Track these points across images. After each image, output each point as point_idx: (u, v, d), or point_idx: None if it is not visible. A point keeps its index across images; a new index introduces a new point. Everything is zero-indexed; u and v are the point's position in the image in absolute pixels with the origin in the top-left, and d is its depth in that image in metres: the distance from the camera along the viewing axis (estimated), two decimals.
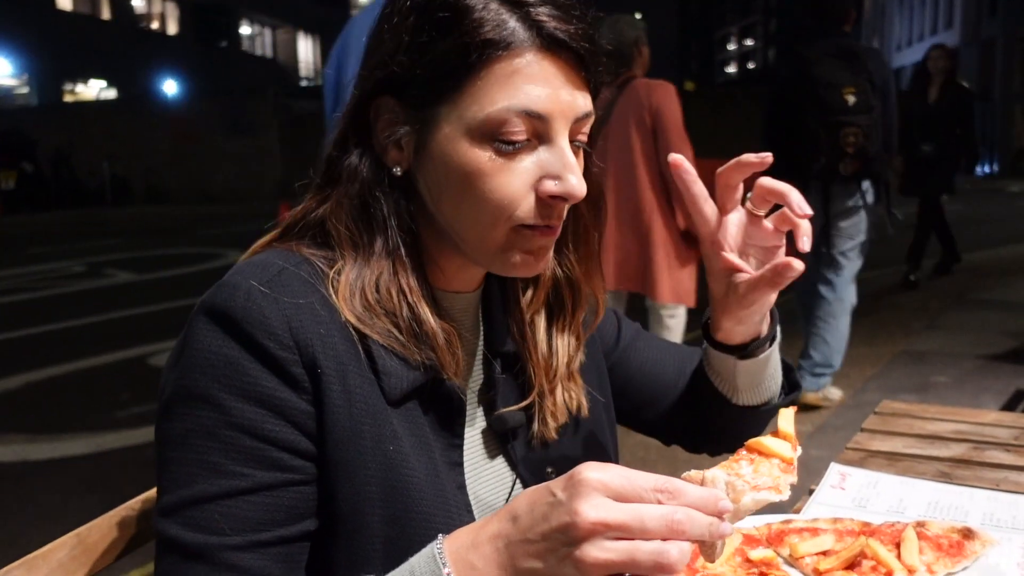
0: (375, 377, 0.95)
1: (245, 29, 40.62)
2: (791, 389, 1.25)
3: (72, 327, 7.99)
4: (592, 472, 0.72)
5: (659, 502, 0.73)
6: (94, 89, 32.08)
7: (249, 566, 0.87)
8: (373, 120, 0.99)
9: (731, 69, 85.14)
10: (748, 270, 1.08)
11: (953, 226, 8.69)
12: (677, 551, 0.70)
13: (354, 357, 0.94)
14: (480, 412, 1.09)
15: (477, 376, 1.10)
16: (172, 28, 35.96)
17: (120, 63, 30.71)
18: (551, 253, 1.03)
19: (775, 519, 1.14)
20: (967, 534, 1.07)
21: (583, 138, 1.00)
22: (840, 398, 4.85)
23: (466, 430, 1.05)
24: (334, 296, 0.95)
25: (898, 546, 1.05)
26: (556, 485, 0.74)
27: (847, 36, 4.68)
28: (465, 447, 1.04)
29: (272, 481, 0.89)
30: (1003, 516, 1.24)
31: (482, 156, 0.93)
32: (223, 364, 0.90)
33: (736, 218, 1.09)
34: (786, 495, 0.83)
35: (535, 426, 1.10)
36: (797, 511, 1.27)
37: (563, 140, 0.95)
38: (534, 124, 0.93)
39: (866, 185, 4.61)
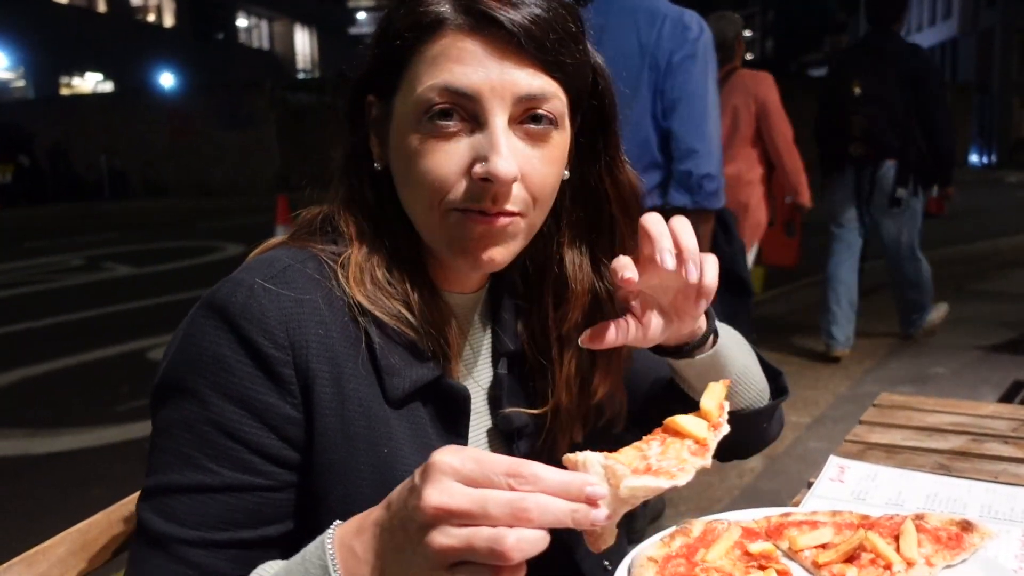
0: (377, 377, 0.95)
1: (242, 21, 40.49)
2: (779, 394, 1.23)
3: (71, 321, 7.98)
4: (444, 456, 0.71)
5: (510, 487, 0.70)
6: (91, 82, 31.98)
7: (200, 563, 0.89)
8: (368, 120, 1.02)
9: None
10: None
11: (951, 217, 8.69)
12: (514, 538, 0.67)
13: (353, 357, 0.94)
14: (486, 412, 1.09)
15: (484, 376, 1.10)
16: (168, 20, 35.84)
17: (117, 56, 30.60)
18: (503, 248, 0.97)
19: (774, 512, 1.14)
20: (966, 527, 1.07)
21: (547, 116, 0.95)
22: (943, 312, 5.84)
23: (471, 430, 1.05)
24: (343, 280, 0.96)
25: (897, 539, 1.05)
26: (419, 470, 0.73)
27: (889, 34, 5.30)
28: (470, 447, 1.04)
29: (238, 483, 0.90)
30: (1001, 508, 1.24)
31: (417, 139, 0.94)
32: (212, 361, 0.91)
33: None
34: (682, 480, 0.78)
35: (543, 436, 1.09)
36: (796, 504, 1.27)
37: (498, 120, 0.92)
38: (464, 104, 0.92)
39: (887, 165, 5.27)
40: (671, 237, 0.95)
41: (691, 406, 1.13)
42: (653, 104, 2.93)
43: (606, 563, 1.16)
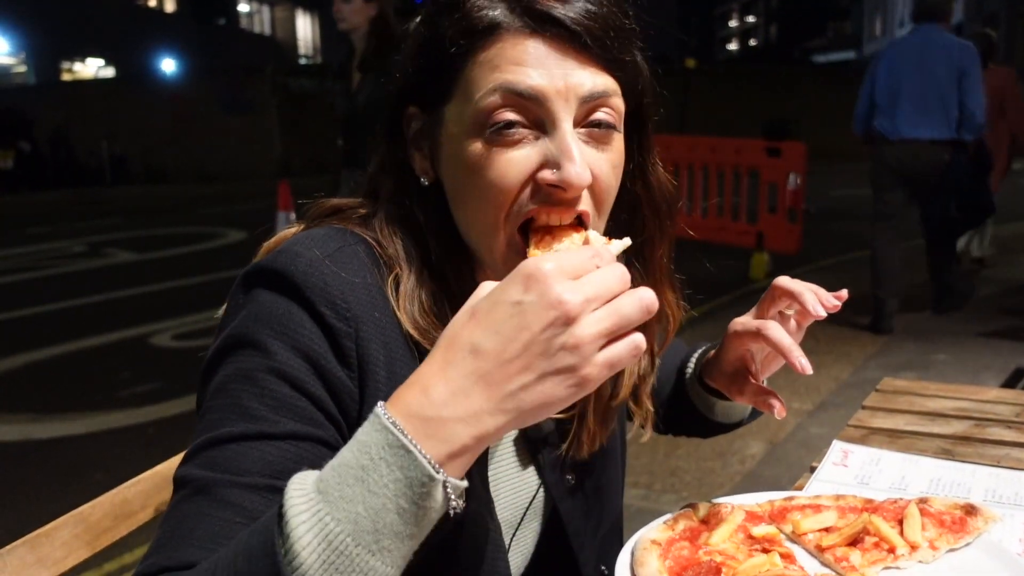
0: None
1: (243, 6, 40.32)
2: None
3: (73, 307, 7.98)
4: (546, 264, 0.72)
5: (597, 267, 0.74)
6: (92, 67, 31.89)
7: (249, 506, 0.81)
8: (406, 133, 1.00)
9: (732, 46, 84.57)
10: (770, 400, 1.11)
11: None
12: (648, 291, 0.73)
13: (404, 345, 0.94)
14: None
15: None
16: (170, 6, 35.69)
17: (118, 41, 30.51)
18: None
19: (778, 496, 1.14)
20: (970, 510, 1.07)
21: (609, 118, 0.93)
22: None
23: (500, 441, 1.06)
24: (393, 302, 0.94)
25: (901, 523, 1.05)
26: (511, 294, 0.72)
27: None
28: (497, 451, 1.05)
29: (300, 432, 0.86)
30: (1005, 492, 1.24)
31: (476, 148, 0.90)
32: (280, 314, 0.89)
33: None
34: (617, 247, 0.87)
35: (568, 441, 1.09)
36: (799, 488, 1.27)
37: (565, 124, 0.90)
38: (528, 108, 0.89)
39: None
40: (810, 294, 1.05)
41: (675, 405, 1.31)
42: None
43: (603, 568, 1.16)
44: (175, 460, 1.14)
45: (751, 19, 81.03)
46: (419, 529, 0.70)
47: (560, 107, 0.89)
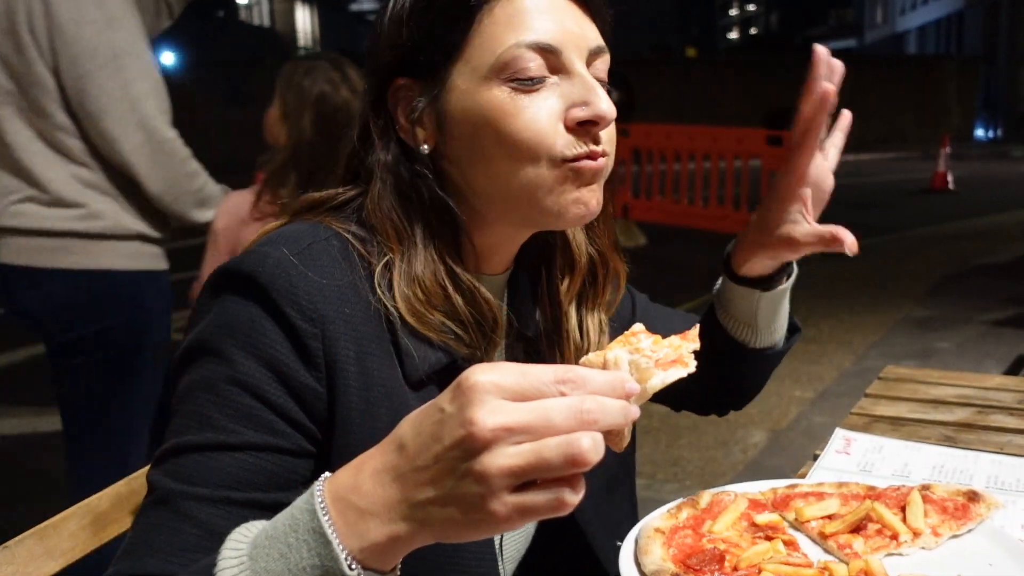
0: (398, 359, 0.94)
1: None
2: (792, 332, 1.28)
3: None
4: (481, 374, 0.64)
5: (562, 394, 0.64)
6: None
7: (206, 520, 0.84)
8: (393, 107, 0.99)
9: (733, 35, 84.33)
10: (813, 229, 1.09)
11: (958, 191, 8.66)
12: (589, 439, 0.61)
13: (377, 338, 0.93)
14: None
15: (498, 358, 1.08)
16: None
17: None
18: (600, 190, 0.99)
19: (780, 484, 1.14)
20: (972, 497, 1.07)
21: (604, 74, 0.98)
22: None
23: None
24: (380, 290, 0.94)
25: (903, 509, 1.05)
26: (442, 399, 0.66)
27: None
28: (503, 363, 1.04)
29: (260, 442, 0.87)
30: (1008, 479, 1.24)
31: (502, 97, 0.93)
32: (241, 322, 0.89)
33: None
34: (692, 366, 0.76)
35: None
36: (802, 476, 1.27)
37: (581, 67, 0.95)
38: (547, 58, 0.93)
39: None
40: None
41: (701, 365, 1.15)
42: None
43: (618, 543, 1.16)
44: None
45: (752, 7, 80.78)
46: None
47: (575, 55, 0.94)
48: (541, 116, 0.93)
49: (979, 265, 7.53)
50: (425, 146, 0.98)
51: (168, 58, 32.17)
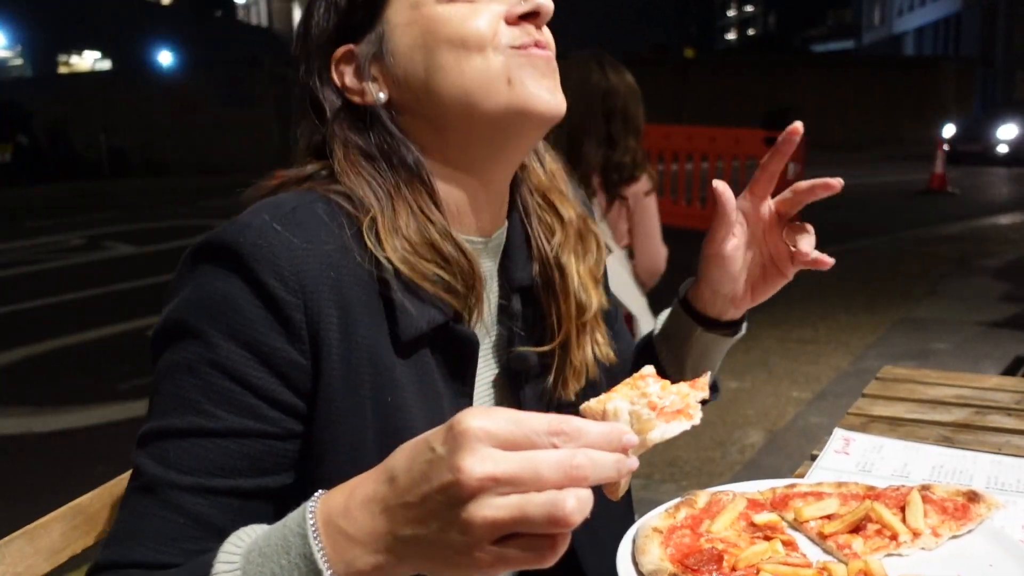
0: (387, 323, 0.93)
1: None
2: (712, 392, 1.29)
3: (73, 300, 7.98)
4: (474, 420, 0.63)
5: (554, 446, 0.64)
6: (89, 60, 31.81)
7: (192, 510, 0.85)
8: (340, 77, 1.01)
9: (731, 36, 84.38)
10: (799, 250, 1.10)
11: (954, 193, 8.68)
12: (574, 500, 0.61)
13: (364, 303, 0.92)
14: (493, 361, 1.09)
15: (490, 326, 1.09)
16: None
17: (115, 34, 30.42)
18: (561, 93, 1.00)
19: (779, 483, 1.14)
20: (972, 497, 1.06)
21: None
22: None
23: (477, 380, 1.04)
24: (371, 241, 0.93)
25: (903, 509, 1.04)
26: (435, 438, 0.65)
27: None
28: (475, 397, 1.04)
29: (241, 428, 0.87)
30: (1007, 480, 1.24)
31: (440, 10, 0.97)
32: (220, 301, 0.88)
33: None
34: (697, 419, 0.75)
35: (550, 378, 1.09)
36: (799, 475, 1.27)
37: None
38: None
39: None
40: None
41: None
42: None
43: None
44: None
45: (749, 8, 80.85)
46: None
47: None
48: (481, 14, 0.96)
49: (977, 266, 7.53)
50: (382, 94, 1.00)
51: (166, 58, 32.18)
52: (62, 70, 30.18)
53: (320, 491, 0.72)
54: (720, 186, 1.07)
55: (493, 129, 0.99)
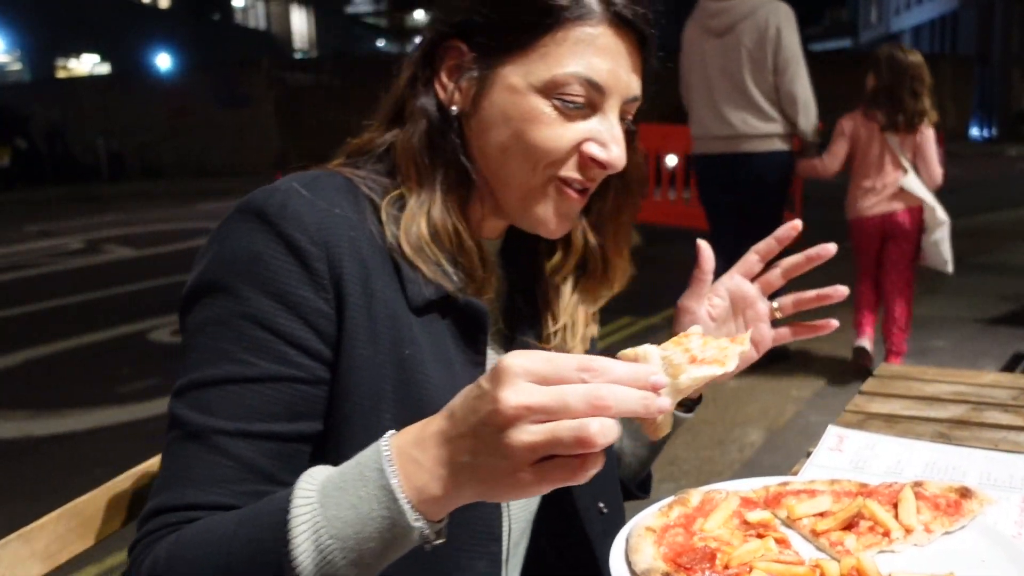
0: (400, 285, 0.99)
1: (238, 1, 40.18)
2: (641, 488, 1.40)
3: (72, 303, 7.98)
4: (515, 358, 0.72)
5: (583, 381, 0.72)
6: (87, 64, 31.78)
7: (238, 453, 0.90)
8: (440, 61, 1.05)
9: None
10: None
11: (952, 190, 8.69)
12: (597, 424, 0.70)
13: (380, 264, 0.99)
14: (499, 348, 1.14)
15: (496, 318, 1.14)
16: (164, 1, 35.58)
17: (113, 37, 30.38)
18: (571, 222, 1.09)
19: (772, 481, 1.14)
20: (964, 493, 1.07)
21: (630, 118, 1.06)
22: None
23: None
24: (386, 219, 1.01)
25: (895, 506, 1.05)
26: (485, 377, 0.74)
27: None
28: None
29: (275, 373, 0.92)
30: (1000, 475, 1.24)
31: (542, 107, 1.00)
32: (248, 257, 0.94)
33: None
34: (731, 366, 0.83)
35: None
36: (794, 473, 1.27)
37: (613, 114, 1.02)
38: (592, 93, 1.00)
39: None
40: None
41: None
42: None
43: (601, 505, 1.19)
44: None
45: None
46: (394, 553, 0.79)
47: (615, 101, 1.03)
48: (566, 136, 1.01)
49: (974, 264, 7.53)
50: (455, 107, 1.04)
51: (164, 61, 32.17)
52: (60, 74, 30.13)
53: (391, 431, 0.80)
54: (702, 244, 1.17)
55: (508, 207, 1.08)
